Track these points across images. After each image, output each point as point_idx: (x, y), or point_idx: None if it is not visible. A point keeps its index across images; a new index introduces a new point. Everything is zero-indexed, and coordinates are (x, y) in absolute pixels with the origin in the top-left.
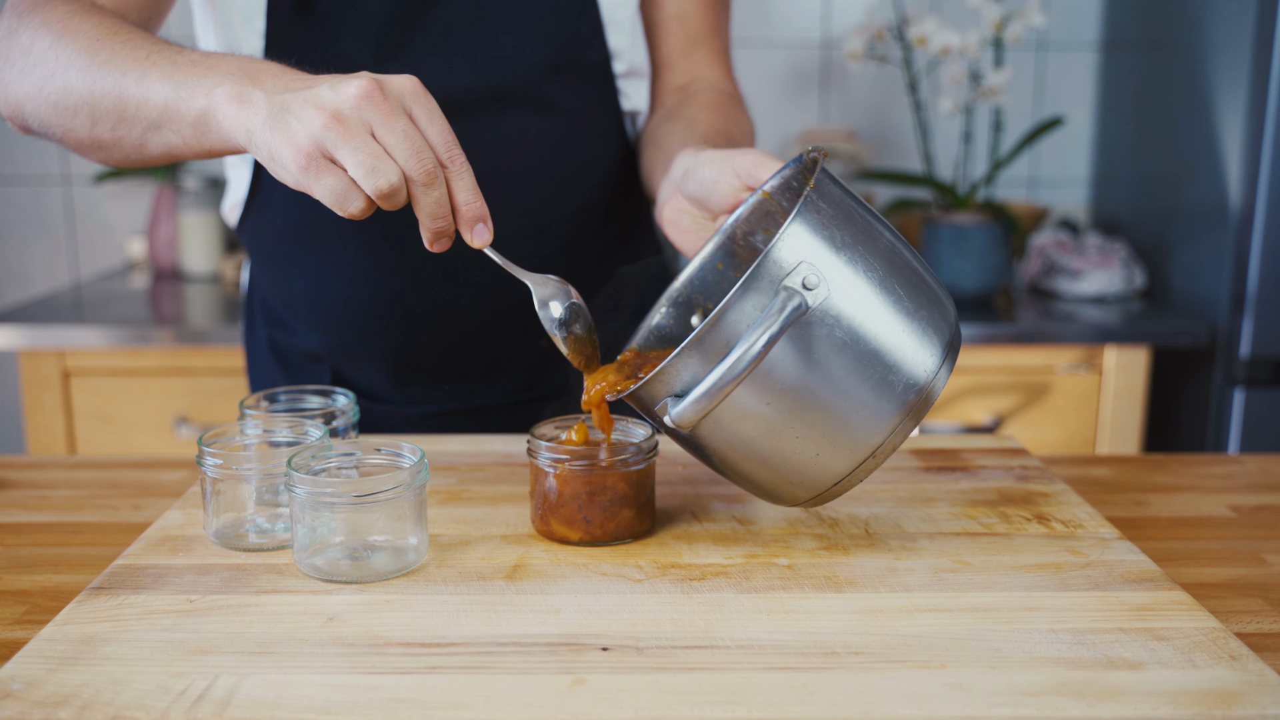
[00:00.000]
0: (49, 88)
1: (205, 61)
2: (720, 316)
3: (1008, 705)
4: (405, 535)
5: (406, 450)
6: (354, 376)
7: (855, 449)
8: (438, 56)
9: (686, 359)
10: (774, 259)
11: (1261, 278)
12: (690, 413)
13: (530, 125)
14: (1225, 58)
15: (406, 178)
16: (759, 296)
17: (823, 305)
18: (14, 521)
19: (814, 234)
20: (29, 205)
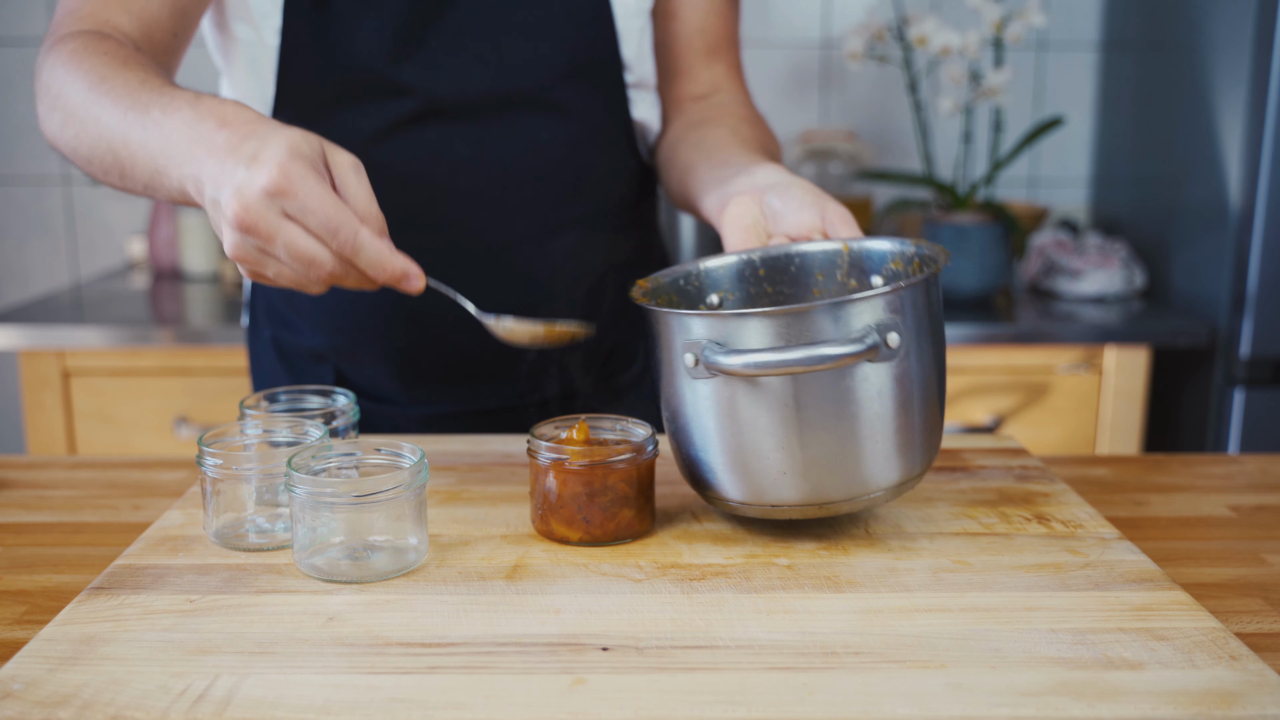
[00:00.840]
0: (64, 135)
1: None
2: (808, 312)
3: (1008, 705)
4: (405, 535)
5: (406, 450)
6: (357, 377)
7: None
8: (452, 58)
9: (748, 321)
10: (881, 303)
11: (1261, 278)
12: (740, 366)
13: (542, 129)
14: (1225, 58)
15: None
16: (845, 321)
17: (889, 366)
18: (14, 521)
19: (916, 309)
20: (29, 205)
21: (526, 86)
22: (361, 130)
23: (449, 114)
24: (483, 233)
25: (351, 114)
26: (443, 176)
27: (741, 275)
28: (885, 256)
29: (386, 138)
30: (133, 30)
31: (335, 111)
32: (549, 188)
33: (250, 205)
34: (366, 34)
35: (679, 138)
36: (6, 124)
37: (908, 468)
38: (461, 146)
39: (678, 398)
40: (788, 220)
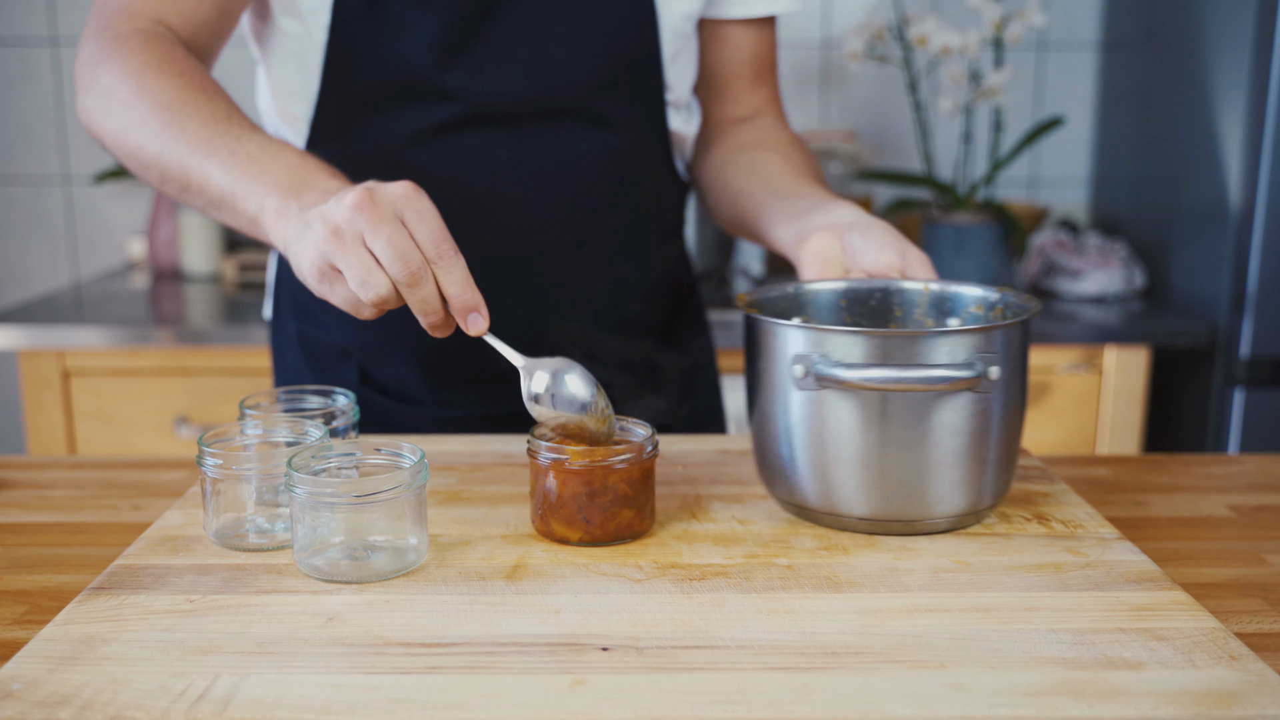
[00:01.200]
0: (123, 140)
1: (260, 159)
2: (920, 337)
3: (1008, 705)
4: (405, 535)
5: (406, 450)
6: (382, 376)
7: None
8: (496, 65)
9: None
10: (984, 338)
11: (1261, 278)
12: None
13: (582, 139)
14: (1225, 58)
15: (393, 281)
16: (950, 350)
17: (979, 399)
18: (14, 521)
19: (1011, 349)
20: (29, 205)
21: (569, 96)
22: (403, 132)
23: (491, 120)
24: (518, 239)
25: (394, 115)
26: (482, 182)
27: (837, 302)
28: (968, 300)
29: (427, 141)
30: (183, 30)
31: (378, 111)
32: (586, 197)
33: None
34: (415, 37)
35: (726, 160)
36: (6, 124)
37: (974, 500)
38: (502, 153)
39: (776, 404)
40: (868, 258)
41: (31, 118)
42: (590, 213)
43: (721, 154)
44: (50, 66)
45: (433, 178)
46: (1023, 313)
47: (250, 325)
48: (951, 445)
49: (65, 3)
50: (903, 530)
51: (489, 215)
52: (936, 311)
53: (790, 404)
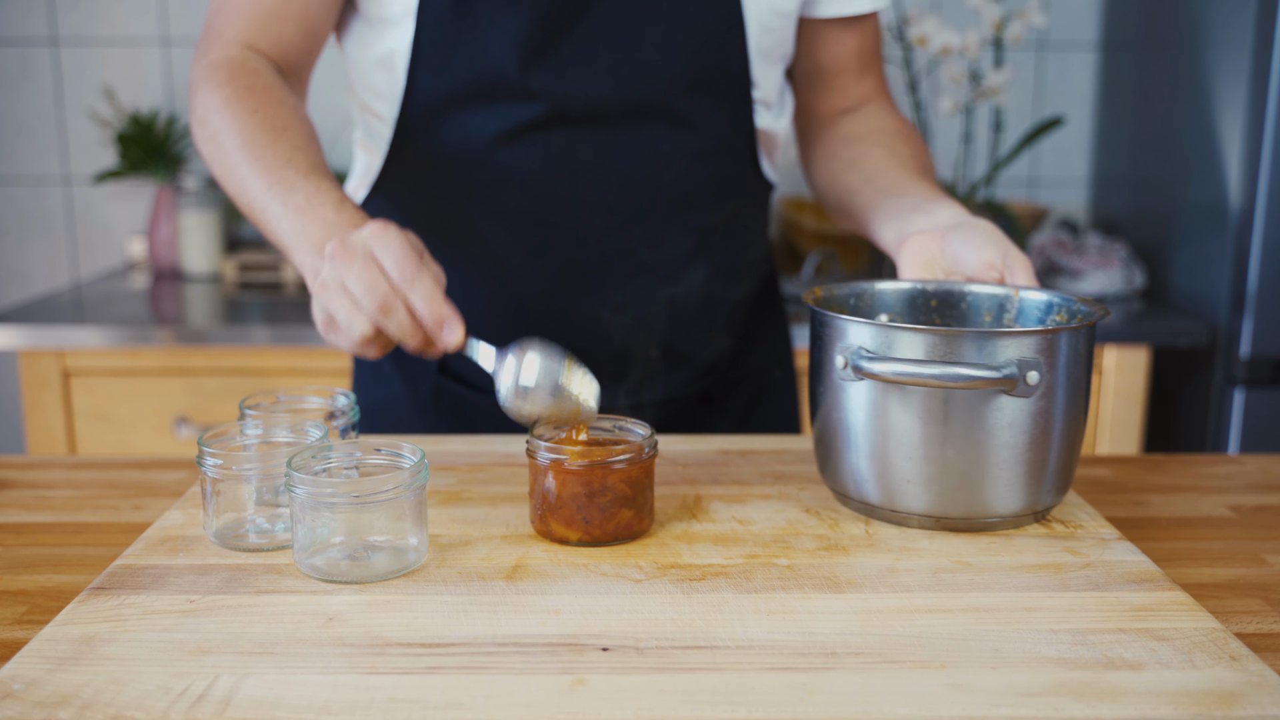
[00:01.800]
0: (211, 166)
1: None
2: (957, 336)
3: (1008, 705)
4: (405, 535)
5: (406, 450)
6: (460, 365)
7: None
8: (581, 66)
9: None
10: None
11: (1261, 278)
12: (882, 372)
13: (665, 140)
14: (1225, 58)
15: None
16: (990, 351)
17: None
18: (14, 521)
19: (1063, 355)
20: (29, 205)
21: (653, 97)
22: (488, 132)
23: (574, 121)
24: (600, 238)
25: (479, 115)
26: (565, 182)
27: (913, 302)
28: (1051, 307)
29: (512, 140)
30: (272, 53)
31: (463, 111)
32: (669, 198)
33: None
34: (500, 38)
35: (832, 154)
36: (6, 124)
37: (1030, 500)
38: (586, 153)
39: (829, 398)
40: (968, 260)
41: (31, 118)
42: (672, 214)
43: (828, 147)
44: (50, 66)
45: (516, 178)
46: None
47: (250, 325)
48: (1001, 446)
49: (65, 3)
50: (960, 527)
51: (571, 216)
52: (1023, 318)
53: (839, 397)
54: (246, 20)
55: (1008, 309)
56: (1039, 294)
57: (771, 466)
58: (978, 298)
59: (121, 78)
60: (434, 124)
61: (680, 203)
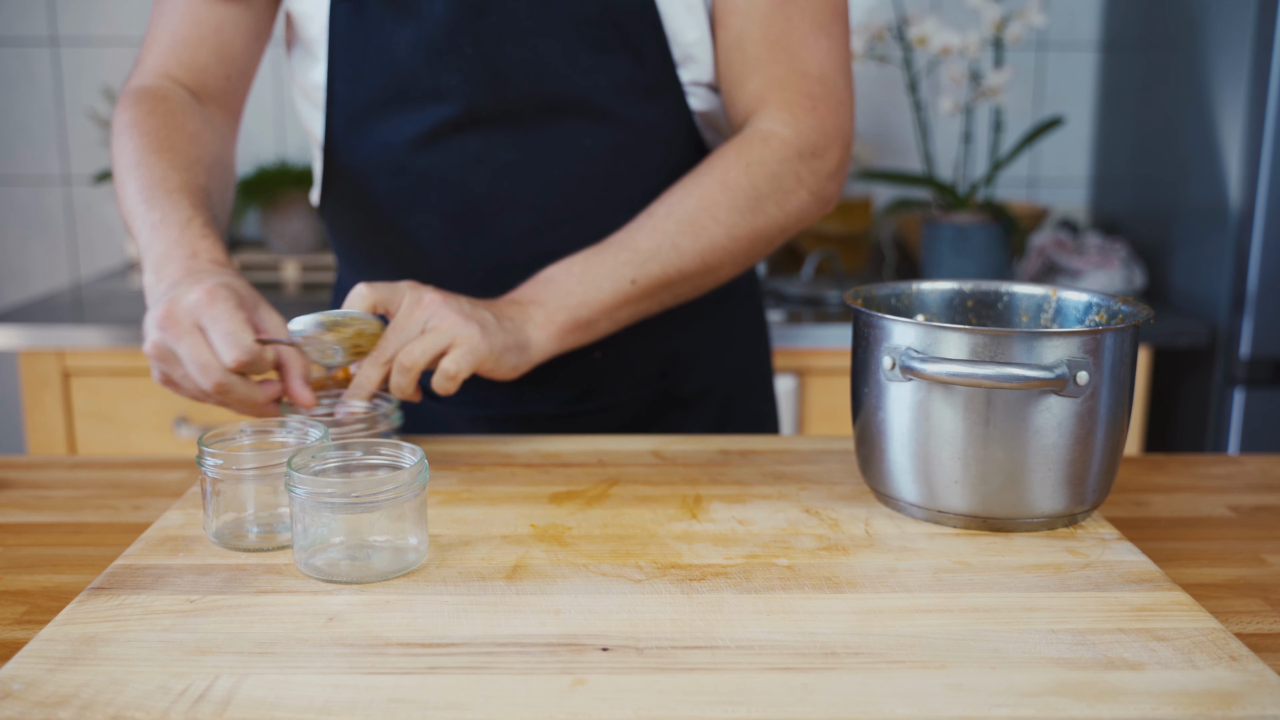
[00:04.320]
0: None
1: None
2: (1008, 336)
3: (1008, 705)
4: (405, 535)
5: (406, 450)
6: None
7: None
8: (488, 66)
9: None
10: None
11: (1261, 278)
12: (936, 372)
13: (586, 135)
14: (1225, 58)
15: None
16: (1040, 352)
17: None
18: (14, 521)
19: (1110, 356)
20: (29, 205)
21: (567, 92)
22: (405, 136)
23: (489, 120)
24: (528, 239)
25: (395, 120)
26: (485, 183)
27: (950, 302)
28: (1090, 307)
29: (429, 144)
30: (187, 79)
31: (381, 118)
32: (596, 194)
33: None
34: (405, 40)
35: None
36: (6, 124)
37: (1074, 501)
38: (503, 154)
39: (873, 398)
40: None
41: (31, 118)
42: (603, 211)
43: None
44: (50, 66)
45: (436, 181)
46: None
47: None
48: (1048, 446)
49: (65, 3)
50: (1004, 528)
51: (495, 218)
52: (1061, 318)
53: (884, 398)
54: (163, 49)
55: (1045, 309)
56: (1078, 294)
57: (771, 466)
58: (1015, 298)
59: (121, 78)
60: (356, 134)
61: (611, 199)
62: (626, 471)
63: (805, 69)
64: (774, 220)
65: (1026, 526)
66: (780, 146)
